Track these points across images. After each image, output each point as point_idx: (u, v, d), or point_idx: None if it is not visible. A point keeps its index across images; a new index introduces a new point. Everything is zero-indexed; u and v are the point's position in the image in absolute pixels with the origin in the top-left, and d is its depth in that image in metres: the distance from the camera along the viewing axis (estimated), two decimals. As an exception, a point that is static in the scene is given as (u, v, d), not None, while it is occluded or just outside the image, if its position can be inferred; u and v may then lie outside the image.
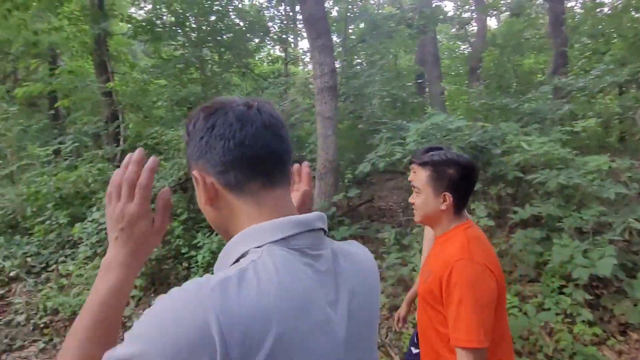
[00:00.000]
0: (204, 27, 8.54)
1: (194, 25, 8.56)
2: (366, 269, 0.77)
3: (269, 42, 10.36)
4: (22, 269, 5.07)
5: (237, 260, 0.64)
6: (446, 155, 1.47)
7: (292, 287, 0.60)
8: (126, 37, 8.14)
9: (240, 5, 9.31)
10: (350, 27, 7.61)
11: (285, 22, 10.14)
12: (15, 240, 5.43)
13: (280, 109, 5.60)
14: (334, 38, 6.18)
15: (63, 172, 5.50)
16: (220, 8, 8.29)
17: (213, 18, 8.55)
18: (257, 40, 9.69)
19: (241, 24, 9.03)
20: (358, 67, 6.82)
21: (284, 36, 10.22)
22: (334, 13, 8.84)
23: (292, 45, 12.41)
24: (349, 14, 7.21)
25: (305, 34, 10.93)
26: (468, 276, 1.32)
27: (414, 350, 1.73)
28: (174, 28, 8.23)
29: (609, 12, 7.74)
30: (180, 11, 8.13)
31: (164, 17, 8.48)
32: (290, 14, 9.97)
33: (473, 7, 9.50)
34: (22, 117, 7.32)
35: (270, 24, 9.82)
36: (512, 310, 3.14)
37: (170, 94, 8.02)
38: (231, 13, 8.84)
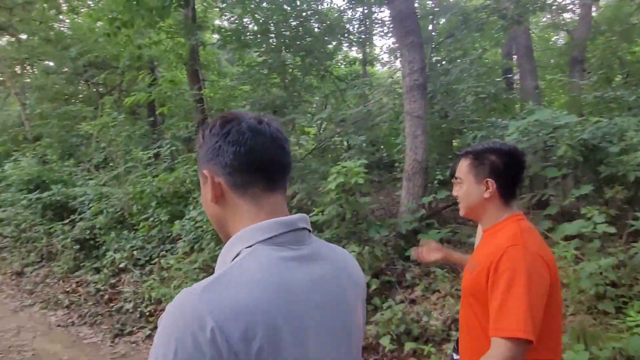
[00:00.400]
0: (285, 33, 8.80)
1: (275, 32, 8.87)
2: (349, 267, 0.84)
3: (346, 44, 10.40)
4: (129, 261, 5.60)
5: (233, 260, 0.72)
6: (487, 144, 1.45)
7: (274, 279, 0.67)
8: (216, 47, 8.64)
9: (319, 9, 9.47)
10: (432, 23, 7.35)
11: (364, 22, 10.10)
12: (124, 235, 6.01)
13: (364, 110, 5.56)
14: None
15: (163, 174, 5.98)
16: (302, 13, 8.49)
17: (294, 23, 8.79)
18: (334, 43, 9.78)
19: (320, 27, 9.16)
20: (440, 65, 6.54)
21: (362, 37, 10.19)
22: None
23: (369, 46, 12.33)
24: (435, 9, 6.95)
25: (384, 34, 10.83)
26: (520, 262, 1.20)
27: (455, 357, 1.59)
28: (258, 36, 8.60)
29: None
30: (263, 19, 8.47)
31: (249, 26, 8.90)
32: (366, 12, 9.92)
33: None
34: (127, 124, 8.11)
35: (348, 25, 9.85)
36: (637, 329, 2.78)
37: (255, 98, 8.38)
38: (311, 18, 9.01)
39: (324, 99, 9.61)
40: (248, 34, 8.66)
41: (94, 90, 11.36)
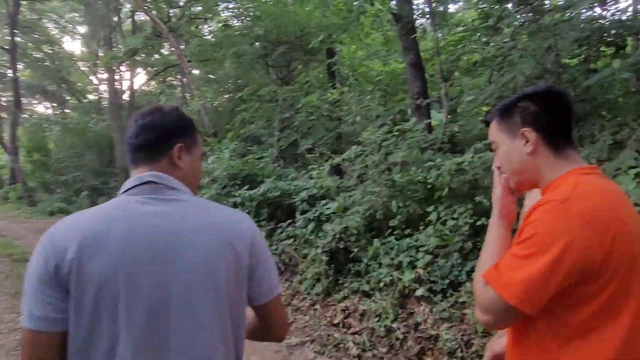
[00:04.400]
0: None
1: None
2: (221, 225, 1.02)
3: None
4: (418, 283, 3.80)
5: None
6: (514, 96, 1.14)
7: (102, 212, 0.96)
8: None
9: None
10: None
11: None
12: (391, 243, 4.26)
13: None
14: None
15: (451, 158, 4.06)
16: None
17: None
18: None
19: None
20: None
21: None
22: None
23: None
24: None
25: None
26: (547, 220, 0.93)
27: None
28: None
29: None
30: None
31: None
32: None
33: None
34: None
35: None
36: None
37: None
38: None
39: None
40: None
41: (272, 74, 10.32)
